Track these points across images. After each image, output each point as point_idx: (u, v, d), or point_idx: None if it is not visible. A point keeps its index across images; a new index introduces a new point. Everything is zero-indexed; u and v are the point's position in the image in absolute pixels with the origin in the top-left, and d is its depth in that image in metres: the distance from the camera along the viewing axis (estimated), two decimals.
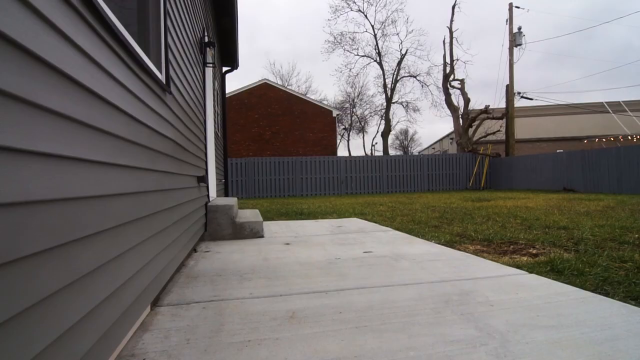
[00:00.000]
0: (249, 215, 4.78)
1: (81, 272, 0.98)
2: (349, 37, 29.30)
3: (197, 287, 2.25)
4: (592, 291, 2.06)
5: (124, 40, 1.36)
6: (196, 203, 3.34)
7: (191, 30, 3.57)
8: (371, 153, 42.78)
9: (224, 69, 9.30)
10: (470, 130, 18.16)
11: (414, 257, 2.94)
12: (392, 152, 54.19)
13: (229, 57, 9.04)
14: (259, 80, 22.32)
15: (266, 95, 21.98)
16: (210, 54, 4.79)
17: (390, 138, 55.50)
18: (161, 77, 2.11)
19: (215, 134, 6.85)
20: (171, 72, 2.39)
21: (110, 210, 1.22)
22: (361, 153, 44.61)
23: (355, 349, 1.41)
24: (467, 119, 18.10)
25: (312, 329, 1.60)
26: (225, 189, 8.87)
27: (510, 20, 16.59)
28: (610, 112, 20.35)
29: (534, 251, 3.14)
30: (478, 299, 1.92)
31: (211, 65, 4.93)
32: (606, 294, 2.03)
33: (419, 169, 16.11)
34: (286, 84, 40.77)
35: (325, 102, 36.44)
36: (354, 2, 27.81)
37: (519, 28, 16.46)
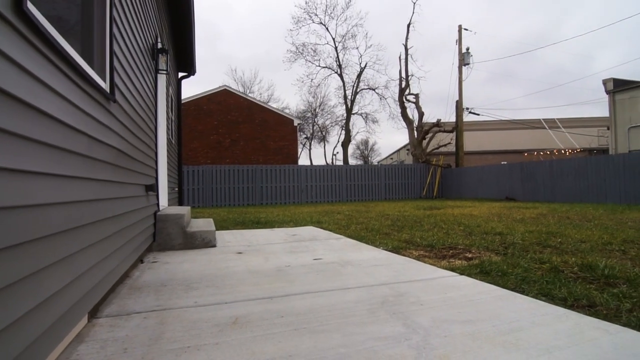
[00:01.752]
0: (202, 224, 4.72)
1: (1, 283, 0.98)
2: (311, 48, 29.85)
3: (140, 297, 2.22)
4: (512, 289, 2.30)
5: (59, 48, 1.36)
6: (143, 212, 3.27)
7: (141, 37, 3.53)
8: (332, 162, 43.43)
9: (180, 74, 9.13)
10: (424, 142, 19.11)
11: (360, 263, 3.08)
12: (352, 161, 55.36)
13: (185, 63, 8.90)
14: (219, 87, 21.99)
15: (226, 102, 21.68)
16: (162, 60, 4.73)
17: (351, 148, 56.76)
18: (105, 85, 2.09)
19: (169, 141, 6.70)
20: (117, 80, 2.38)
21: (39, 220, 1.22)
22: (323, 162, 45.13)
23: (291, 349, 1.49)
24: (421, 132, 19.05)
25: (252, 333, 1.66)
26: (179, 198, 8.63)
27: (459, 41, 17.83)
28: (547, 128, 22.48)
29: (470, 255, 3.42)
30: (410, 300, 2.09)
31: (164, 72, 4.86)
32: (522, 292, 2.28)
33: (376, 179, 16.63)
34: (248, 91, 40.46)
35: (287, 111, 36.59)
36: (316, 15, 28.43)
37: (467, 49, 17.73)
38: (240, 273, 2.82)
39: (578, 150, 23.48)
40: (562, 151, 22.46)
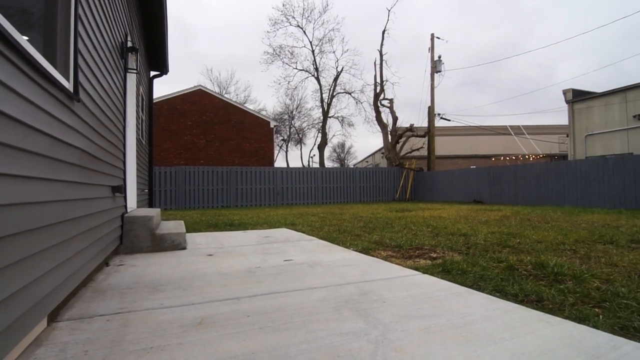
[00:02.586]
0: (172, 226, 4.65)
1: None
2: (288, 51, 29.82)
3: (104, 300, 2.19)
4: (469, 287, 2.43)
5: (17, 46, 1.35)
6: (109, 214, 3.20)
7: (109, 35, 3.46)
8: (309, 165, 43.50)
9: (152, 73, 8.93)
10: (398, 146, 19.56)
11: (329, 264, 3.15)
12: (329, 164, 55.72)
13: (158, 62, 8.72)
14: (194, 86, 21.61)
15: (201, 102, 21.33)
16: (132, 59, 4.64)
17: (328, 150, 57.10)
18: (68, 85, 2.06)
19: (139, 141, 6.55)
20: (81, 79, 2.34)
21: None
22: (299, 164, 45.16)
23: (255, 346, 1.53)
24: (395, 136, 19.49)
25: (217, 332, 1.69)
26: (149, 200, 8.43)
27: (432, 49, 18.43)
28: (512, 134, 23.65)
29: (434, 255, 3.56)
30: (374, 297, 2.17)
31: (134, 71, 4.76)
32: (479, 289, 2.42)
33: (351, 181, 16.85)
34: (224, 92, 39.93)
35: (264, 113, 36.36)
36: (293, 18, 28.48)
37: (439, 56, 18.36)
38: (209, 275, 2.82)
39: (540, 156, 24.81)
40: (526, 157, 23.68)
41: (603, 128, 17.25)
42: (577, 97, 18.33)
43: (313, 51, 28.77)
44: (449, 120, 19.30)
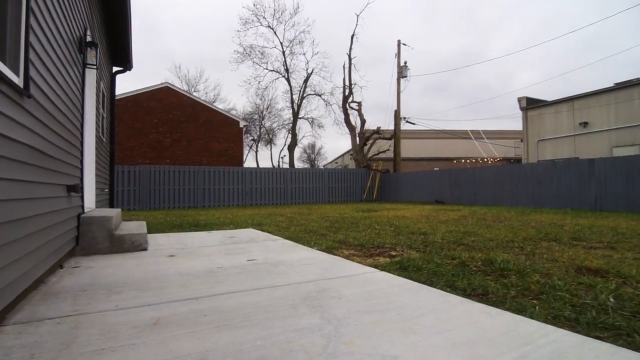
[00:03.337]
0: (133, 227, 4.52)
1: None
2: (259, 51, 29.55)
3: (55, 303, 2.12)
4: (422, 283, 2.57)
5: None
6: (63, 214, 3.08)
7: (66, 29, 3.33)
8: (279, 165, 43.28)
9: (115, 69, 8.61)
10: (365, 148, 19.96)
11: (292, 263, 3.21)
12: (299, 164, 55.73)
13: (121, 57, 8.41)
14: (161, 83, 20.94)
15: (168, 100, 20.70)
16: (91, 54, 4.47)
17: (299, 151, 57.11)
18: (18, 80, 1.99)
19: (99, 139, 6.30)
20: (33, 74, 2.25)
21: None
22: (269, 165, 44.84)
23: (210, 345, 1.56)
24: (362, 138, 19.88)
25: (173, 332, 1.69)
26: (110, 200, 8.11)
27: (398, 54, 19.01)
28: (472, 138, 24.96)
29: (394, 253, 3.71)
30: (332, 294, 2.25)
31: (93, 66, 4.59)
32: (431, 284, 2.56)
33: (320, 182, 16.99)
34: (193, 90, 38.91)
35: (233, 112, 35.78)
36: (264, 18, 28.27)
37: (405, 62, 18.97)
38: (170, 276, 2.79)
39: (498, 159, 26.34)
40: (485, 160, 25.06)
41: (553, 134, 18.61)
42: (530, 105, 19.69)
43: (284, 52, 28.72)
44: (414, 124, 20.04)
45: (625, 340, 1.70)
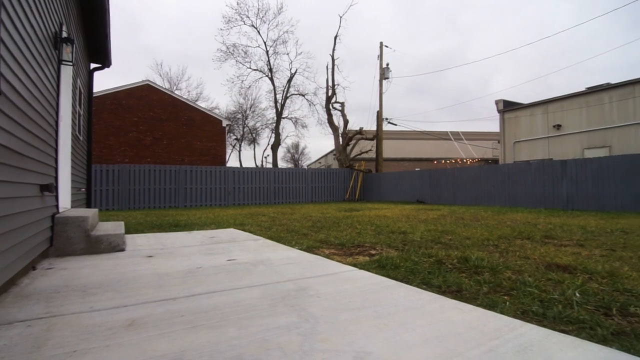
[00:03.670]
0: (110, 227, 4.43)
1: None
2: (242, 50, 29.30)
3: (27, 306, 2.07)
4: (399, 280, 2.63)
5: None
6: (36, 214, 3.00)
7: (40, 25, 3.24)
8: (262, 165, 43.03)
9: (93, 65, 8.40)
10: (348, 148, 20.12)
11: (272, 262, 3.22)
12: (283, 164, 55.59)
13: (99, 54, 8.20)
14: (141, 81, 20.50)
15: (148, 98, 20.28)
16: (67, 50, 4.35)
17: (282, 151, 56.96)
18: None
19: (75, 137, 6.14)
20: (4, 70, 2.19)
21: None
22: (252, 164, 44.55)
23: (185, 345, 1.56)
24: (345, 138, 20.04)
25: (148, 333, 1.68)
26: (87, 199, 7.90)
27: (380, 56, 19.22)
28: (452, 139, 25.60)
29: (374, 252, 3.77)
30: (310, 293, 2.28)
31: (69, 63, 4.47)
32: (408, 282, 2.62)
33: (304, 182, 17.01)
34: (175, 88, 38.25)
35: (216, 111, 35.36)
36: (248, 17, 28.04)
37: (387, 64, 19.20)
38: (147, 276, 2.76)
39: (476, 160, 27.09)
40: (464, 160, 25.75)
41: (528, 136, 19.29)
42: (507, 107, 20.36)
43: (267, 52, 28.58)
44: (396, 124, 20.35)
45: (588, 333, 1.80)
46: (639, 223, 6.02)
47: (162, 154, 20.39)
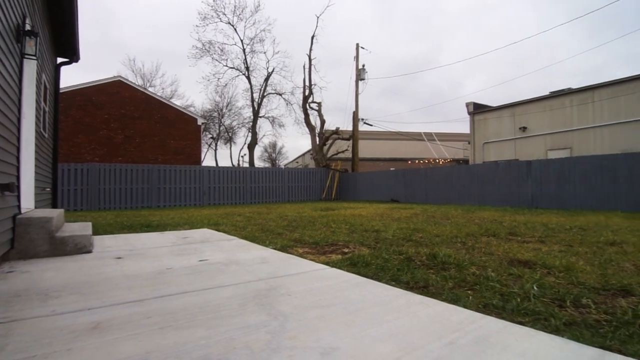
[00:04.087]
0: (77, 228, 4.28)
1: None
2: (218, 47, 28.81)
3: None
4: (370, 277, 2.69)
5: None
6: None
7: (0, 16, 3.09)
8: (239, 164, 42.48)
9: (60, 60, 8.05)
10: (325, 148, 20.23)
11: (245, 262, 3.21)
12: (260, 164, 55.11)
13: (67, 48, 7.87)
14: (113, 77, 19.81)
15: (120, 94, 19.62)
16: (30, 44, 4.16)
17: (260, 150, 56.38)
18: None
19: (40, 134, 5.88)
20: None
21: None
22: (229, 164, 43.92)
23: (151, 346, 1.54)
24: (322, 138, 20.14)
25: (113, 335, 1.65)
26: (53, 199, 7.57)
27: (357, 57, 19.47)
28: (425, 140, 26.37)
29: (347, 250, 3.83)
30: (281, 292, 2.30)
31: (33, 57, 4.28)
32: (377, 279, 2.69)
33: (280, 181, 16.96)
34: (148, 85, 37.13)
35: (191, 109, 34.51)
36: (224, 14, 27.59)
37: (363, 65, 19.47)
38: (115, 278, 2.69)
39: (448, 160, 28.01)
40: (436, 160, 26.58)
41: (497, 137, 20.15)
42: (476, 110, 21.21)
43: (244, 50, 28.26)
44: (372, 125, 20.68)
45: (542, 324, 1.91)
46: (595, 220, 6.40)
47: (135, 153, 19.79)
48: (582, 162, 9.34)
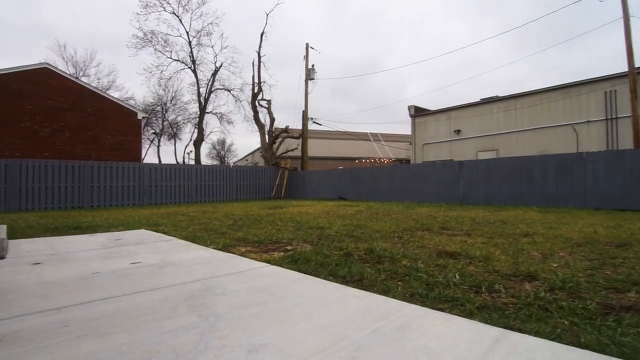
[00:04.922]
0: None
1: None
2: (162, 38, 27.17)
3: None
4: (309, 274, 2.74)
5: None
6: None
7: None
8: (184, 161, 40.63)
9: None
10: (274, 146, 20.09)
11: (182, 263, 3.10)
12: (208, 161, 53.14)
13: None
14: (39, 63, 17.82)
15: (47, 84, 17.73)
16: None
17: (207, 147, 54.37)
18: None
19: None
20: None
21: None
22: (173, 161, 41.75)
23: (64, 357, 1.44)
24: (272, 136, 19.96)
25: (21, 348, 1.52)
26: None
27: (306, 57, 19.57)
28: (372, 140, 27.48)
29: (290, 247, 3.86)
30: (217, 292, 2.26)
31: None
32: (316, 275, 2.74)
33: (228, 179, 16.52)
34: (81, 74, 33.94)
35: (131, 102, 32.26)
36: (168, 4, 26.05)
37: (313, 65, 19.63)
38: (29, 286, 2.46)
39: (392, 159, 29.41)
40: (382, 160, 27.80)
41: (435, 139, 21.74)
42: (417, 113, 22.78)
43: (190, 42, 26.97)
44: (321, 124, 21.05)
45: (459, 309, 2.08)
46: (514, 214, 7.10)
47: (64, 148, 18.04)
48: (504, 162, 10.31)
